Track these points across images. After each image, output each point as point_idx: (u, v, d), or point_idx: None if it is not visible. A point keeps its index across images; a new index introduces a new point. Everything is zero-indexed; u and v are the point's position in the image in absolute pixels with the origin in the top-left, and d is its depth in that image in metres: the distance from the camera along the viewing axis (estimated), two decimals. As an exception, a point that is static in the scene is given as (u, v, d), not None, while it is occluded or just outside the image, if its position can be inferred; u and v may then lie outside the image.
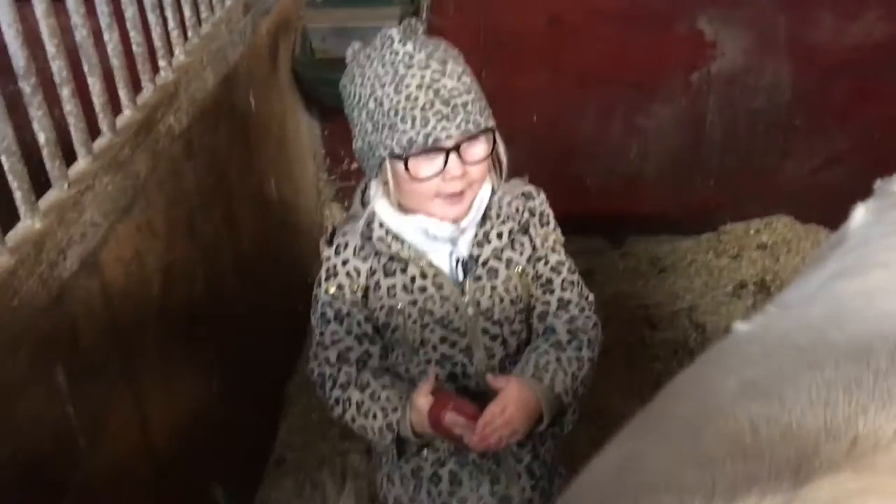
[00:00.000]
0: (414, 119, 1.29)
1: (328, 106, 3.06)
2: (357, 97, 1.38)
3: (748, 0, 2.89)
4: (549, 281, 1.53)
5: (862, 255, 1.00)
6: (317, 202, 3.21)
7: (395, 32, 1.35)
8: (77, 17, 1.51)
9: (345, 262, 1.44)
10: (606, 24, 2.95)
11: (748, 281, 3.14)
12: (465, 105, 1.31)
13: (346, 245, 1.45)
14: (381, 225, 1.42)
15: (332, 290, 1.45)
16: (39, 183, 1.39)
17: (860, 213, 1.19)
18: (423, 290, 1.42)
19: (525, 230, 1.48)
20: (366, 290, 1.44)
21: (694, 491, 0.63)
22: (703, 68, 3.03)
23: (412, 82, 1.30)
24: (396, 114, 1.31)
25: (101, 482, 1.50)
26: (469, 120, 1.31)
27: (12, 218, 1.32)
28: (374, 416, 1.42)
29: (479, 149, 1.36)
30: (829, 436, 0.68)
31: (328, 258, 1.46)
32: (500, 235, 1.44)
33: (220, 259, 2.12)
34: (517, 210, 1.47)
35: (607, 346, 2.96)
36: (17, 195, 1.31)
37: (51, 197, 1.40)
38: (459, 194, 1.37)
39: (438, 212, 1.39)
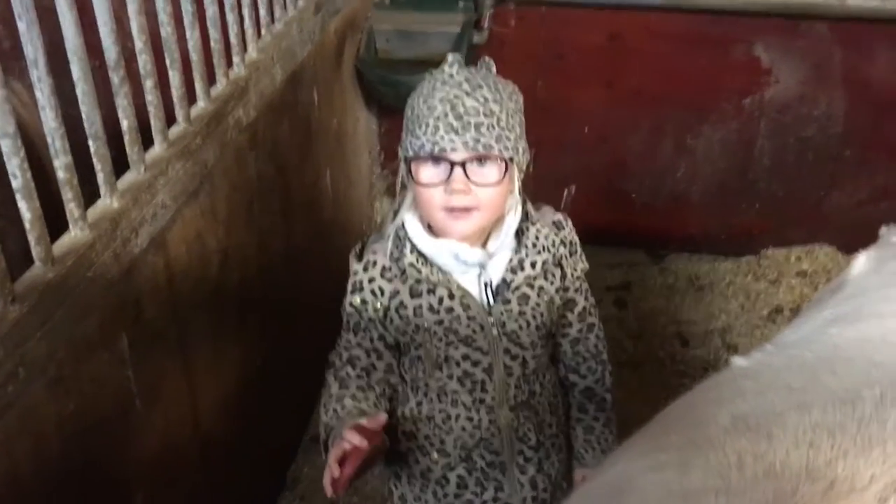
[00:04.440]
0: (427, 126, 1.36)
1: (386, 104, 3.17)
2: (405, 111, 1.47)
3: (806, 31, 2.92)
4: (574, 306, 1.59)
5: (859, 304, 1.05)
6: (368, 195, 3.32)
7: (453, 57, 1.42)
8: (163, 15, 1.64)
9: (371, 280, 1.50)
10: (665, 45, 3.00)
11: (784, 307, 3.16)
12: (478, 125, 1.34)
13: (375, 263, 1.49)
14: (411, 250, 1.45)
15: (357, 302, 1.52)
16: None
17: (861, 262, 1.23)
18: (449, 310, 1.46)
19: (558, 262, 1.53)
20: (386, 308, 1.50)
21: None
22: (757, 94, 3.06)
23: (437, 95, 1.37)
24: (417, 120, 1.38)
25: (153, 443, 1.63)
26: (479, 140, 1.34)
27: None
28: (326, 411, 1.51)
29: (487, 172, 1.38)
30: (809, 477, 0.74)
31: (356, 272, 1.52)
32: (534, 265, 1.48)
33: (274, 245, 2.25)
34: (553, 243, 1.52)
35: (638, 360, 3.05)
36: (100, 176, 1.45)
37: (128, 179, 1.53)
38: (464, 211, 1.39)
39: (444, 226, 1.41)
